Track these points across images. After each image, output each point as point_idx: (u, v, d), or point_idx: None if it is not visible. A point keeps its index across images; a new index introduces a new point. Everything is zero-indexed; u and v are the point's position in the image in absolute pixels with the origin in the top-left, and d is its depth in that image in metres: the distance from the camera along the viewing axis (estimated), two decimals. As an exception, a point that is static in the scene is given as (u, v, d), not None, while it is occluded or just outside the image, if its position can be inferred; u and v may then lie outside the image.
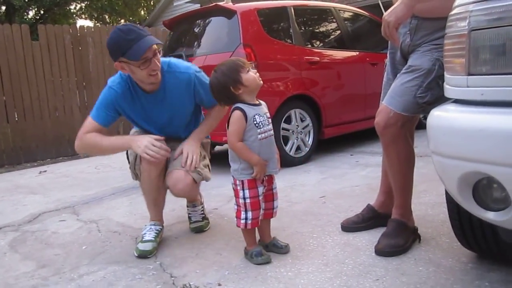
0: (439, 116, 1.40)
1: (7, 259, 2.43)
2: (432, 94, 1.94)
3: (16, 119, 6.00)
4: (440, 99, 1.83)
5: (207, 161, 2.54)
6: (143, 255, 2.27)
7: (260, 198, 2.07)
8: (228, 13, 4.21)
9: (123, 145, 2.35)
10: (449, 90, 1.42)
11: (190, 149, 2.34)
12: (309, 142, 4.42)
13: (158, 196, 2.47)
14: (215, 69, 2.06)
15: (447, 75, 1.44)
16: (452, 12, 1.37)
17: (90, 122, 2.35)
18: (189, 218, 2.66)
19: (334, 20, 5.06)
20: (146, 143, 2.21)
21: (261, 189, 2.07)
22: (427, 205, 2.72)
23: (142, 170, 2.35)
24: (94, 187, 4.05)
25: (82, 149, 2.42)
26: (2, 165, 5.80)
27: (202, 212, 2.68)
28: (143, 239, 2.35)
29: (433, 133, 1.40)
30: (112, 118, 2.35)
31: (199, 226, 2.61)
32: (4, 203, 3.75)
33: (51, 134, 6.22)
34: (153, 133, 2.39)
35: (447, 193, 1.79)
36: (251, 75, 2.02)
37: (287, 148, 4.20)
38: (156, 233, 2.40)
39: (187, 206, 2.69)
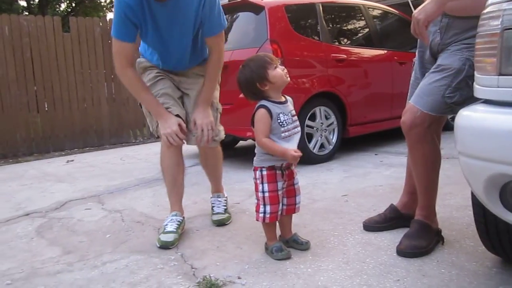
0: (467, 116, 1.37)
1: (34, 244, 2.50)
2: (461, 94, 1.90)
3: (46, 109, 6.16)
4: (469, 99, 1.80)
5: (218, 117, 2.60)
6: (165, 246, 2.31)
7: (280, 192, 2.08)
8: (256, 9, 4.21)
9: (153, 113, 2.42)
10: (479, 90, 1.40)
11: (204, 122, 2.42)
12: (333, 140, 4.39)
13: (177, 176, 2.51)
14: (243, 65, 2.08)
15: (477, 75, 1.41)
16: (485, 11, 1.34)
17: (118, 45, 2.31)
18: (212, 208, 2.69)
19: (363, 18, 5.00)
20: (170, 131, 2.34)
21: (280, 184, 2.07)
22: (452, 208, 2.67)
23: (162, 143, 2.45)
24: (119, 178, 4.13)
25: (123, 81, 2.43)
26: (31, 153, 5.95)
27: (225, 204, 2.72)
28: (165, 230, 2.38)
29: (461, 133, 1.38)
30: (133, 31, 2.30)
31: (221, 219, 2.62)
32: (32, 190, 3.85)
33: (79, 125, 6.36)
34: (160, 61, 2.45)
35: (473, 196, 1.76)
36: (278, 72, 2.02)
37: (310, 146, 4.18)
38: (177, 224, 2.43)
39: (211, 196, 2.75)
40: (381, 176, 3.61)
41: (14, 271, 2.14)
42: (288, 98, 2.15)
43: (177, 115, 2.42)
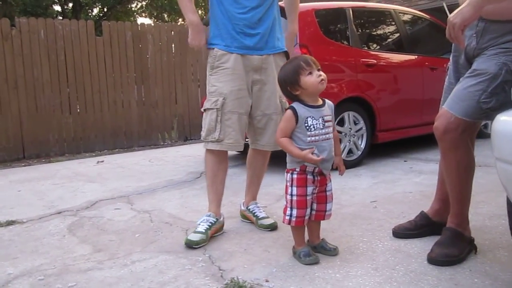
0: (505, 121, 1.34)
1: (65, 241, 2.55)
2: (497, 99, 1.85)
3: (78, 110, 6.30)
4: (505, 105, 1.76)
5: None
6: (189, 245, 2.33)
7: (309, 198, 2.06)
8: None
9: (186, 20, 2.49)
10: (519, 95, 1.36)
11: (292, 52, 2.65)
12: (361, 146, 4.34)
13: (217, 172, 2.55)
14: (283, 65, 2.14)
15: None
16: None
17: None
18: (254, 214, 2.65)
19: (393, 23, 4.95)
20: (197, 44, 2.48)
21: (310, 189, 2.06)
22: (485, 216, 2.60)
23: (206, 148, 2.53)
24: (147, 179, 4.18)
25: None
26: (63, 153, 6.10)
27: (264, 210, 2.71)
28: (195, 230, 2.42)
29: (499, 139, 1.34)
30: None
31: (272, 223, 2.56)
32: (64, 189, 3.94)
33: (109, 126, 6.48)
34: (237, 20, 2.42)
35: (509, 204, 1.71)
36: (312, 78, 2.01)
37: (338, 151, 4.14)
38: (209, 225, 2.44)
39: (249, 205, 2.71)
40: (410, 183, 3.55)
41: (47, 266, 2.19)
42: (328, 102, 2.13)
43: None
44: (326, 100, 2.13)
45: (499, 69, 1.86)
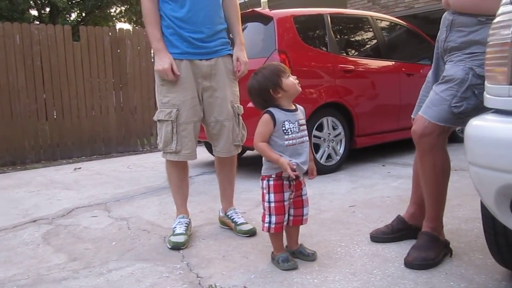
0: (477, 126, 1.36)
1: (40, 251, 2.50)
2: (468, 103, 1.91)
3: (55, 116, 6.20)
4: (477, 109, 1.80)
5: (241, 120, 2.67)
6: (176, 247, 2.37)
7: (286, 203, 2.06)
8: (265, 19, 4.24)
9: (153, 47, 2.46)
10: (490, 100, 1.39)
11: (244, 61, 2.58)
12: (340, 151, 4.37)
13: (183, 177, 2.63)
14: (256, 72, 2.10)
15: (487, 84, 1.40)
16: (496, 20, 1.34)
17: None
18: (233, 220, 2.64)
19: (371, 29, 5.01)
20: (161, 69, 2.38)
21: (287, 194, 2.06)
22: (461, 220, 2.64)
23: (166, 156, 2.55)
24: (125, 186, 4.13)
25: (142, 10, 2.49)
26: (39, 160, 5.98)
27: (242, 216, 2.70)
28: (175, 233, 2.46)
29: (471, 143, 1.36)
30: None
31: (251, 228, 2.56)
32: (39, 196, 3.86)
33: (87, 133, 6.39)
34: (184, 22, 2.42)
35: (483, 207, 1.74)
36: (291, 80, 2.05)
37: (318, 156, 4.17)
38: (185, 226, 2.52)
39: (228, 212, 2.70)
40: (388, 187, 3.58)
41: (20, 277, 2.13)
42: (300, 107, 2.15)
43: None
44: (297, 105, 2.14)
45: (466, 74, 1.92)
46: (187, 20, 2.41)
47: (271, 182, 2.05)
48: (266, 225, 2.06)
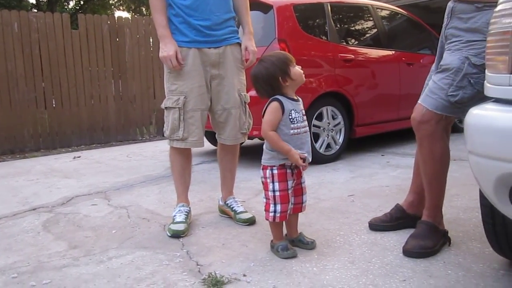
0: (477, 114, 1.36)
1: (40, 238, 2.51)
2: (464, 93, 1.92)
3: (54, 105, 6.17)
4: (475, 98, 1.81)
5: (247, 108, 2.68)
6: (176, 235, 2.39)
7: (290, 191, 2.07)
8: (265, 8, 4.21)
9: (158, 33, 2.45)
10: (490, 89, 1.39)
11: (252, 50, 2.58)
12: (339, 140, 4.38)
13: (186, 166, 2.63)
14: (263, 59, 2.08)
15: (488, 73, 1.40)
16: (497, 9, 1.33)
17: None
18: (232, 209, 2.65)
19: (371, 18, 4.98)
20: (166, 55, 2.39)
21: (290, 183, 2.07)
22: (459, 209, 2.65)
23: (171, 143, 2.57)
24: (125, 174, 4.14)
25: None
26: (38, 149, 5.98)
27: (242, 205, 2.71)
28: (175, 221, 2.49)
29: (471, 132, 1.37)
30: None
31: (251, 217, 2.57)
32: (39, 185, 3.87)
33: (86, 122, 6.38)
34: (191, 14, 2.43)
35: (481, 196, 1.74)
36: (298, 70, 2.06)
37: (317, 145, 4.17)
38: (185, 214, 2.54)
39: (227, 200, 2.71)
40: (387, 177, 3.59)
41: (21, 264, 2.15)
42: (299, 98, 2.15)
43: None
44: (297, 96, 2.15)
45: (461, 63, 1.93)
46: (196, 7, 2.42)
47: (275, 171, 2.05)
48: (272, 214, 2.06)
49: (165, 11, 2.45)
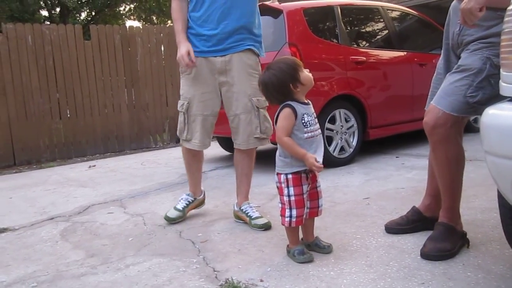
0: (494, 114, 1.35)
1: (58, 248, 2.53)
2: (483, 93, 1.88)
3: (68, 115, 6.25)
4: (492, 99, 1.77)
5: (266, 113, 2.73)
6: (166, 220, 2.74)
7: (305, 196, 2.07)
8: (275, 12, 4.22)
9: (176, 39, 2.59)
10: (505, 88, 1.37)
11: None
12: (353, 143, 4.36)
13: (192, 162, 2.82)
14: (271, 67, 2.06)
15: (503, 72, 1.39)
16: (510, 7, 1.32)
17: None
18: (247, 215, 2.65)
19: (382, 20, 4.96)
20: (179, 55, 2.51)
21: (305, 187, 2.07)
22: (477, 210, 2.62)
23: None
24: (140, 182, 4.17)
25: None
26: (54, 159, 6.05)
27: (257, 210, 2.71)
28: (175, 207, 2.79)
29: (487, 132, 1.35)
30: None
31: (266, 222, 2.57)
32: (56, 195, 3.91)
33: (100, 131, 6.44)
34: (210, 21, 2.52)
35: (500, 197, 1.72)
36: (308, 74, 2.06)
37: (330, 149, 4.15)
38: (186, 203, 2.80)
39: (242, 206, 2.70)
40: (403, 179, 3.56)
41: (40, 273, 2.17)
42: (309, 101, 2.15)
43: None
44: (307, 99, 2.15)
45: (483, 64, 1.89)
46: (206, 18, 2.53)
47: (290, 176, 2.05)
48: (287, 219, 2.05)
49: (182, 20, 2.58)
